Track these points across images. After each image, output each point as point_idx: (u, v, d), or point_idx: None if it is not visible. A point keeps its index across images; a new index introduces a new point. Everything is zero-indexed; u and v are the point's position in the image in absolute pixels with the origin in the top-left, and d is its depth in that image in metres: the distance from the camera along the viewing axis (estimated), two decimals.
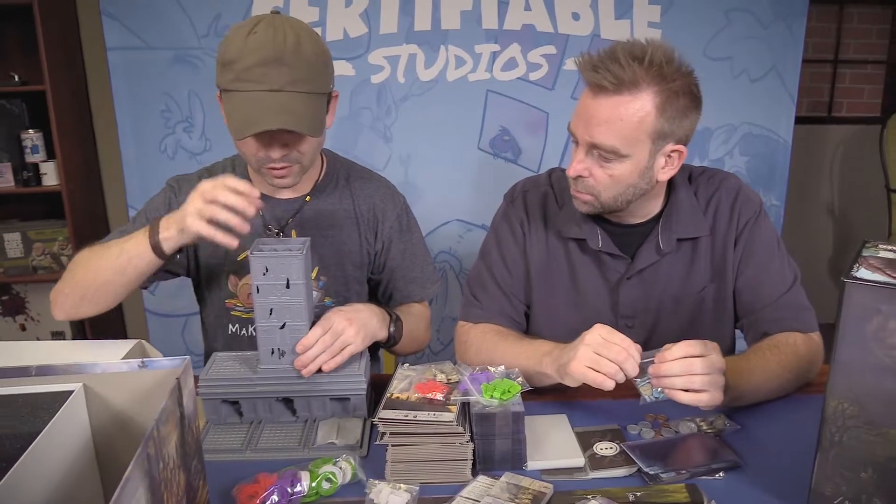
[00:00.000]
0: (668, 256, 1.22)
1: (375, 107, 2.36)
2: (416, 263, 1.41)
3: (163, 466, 0.67)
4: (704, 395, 0.96)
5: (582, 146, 1.12)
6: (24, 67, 2.72)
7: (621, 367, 0.98)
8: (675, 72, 1.07)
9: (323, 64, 1.16)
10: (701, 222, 1.22)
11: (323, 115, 1.18)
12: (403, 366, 1.09)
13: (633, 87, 1.04)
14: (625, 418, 1.08)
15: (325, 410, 1.08)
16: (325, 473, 0.90)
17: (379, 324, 1.17)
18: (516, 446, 0.94)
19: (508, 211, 1.32)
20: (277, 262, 1.01)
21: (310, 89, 1.13)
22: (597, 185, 1.13)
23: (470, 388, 0.97)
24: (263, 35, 1.09)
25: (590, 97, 1.08)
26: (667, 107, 1.06)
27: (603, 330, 1.01)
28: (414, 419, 0.92)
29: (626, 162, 1.09)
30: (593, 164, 1.11)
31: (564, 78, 2.37)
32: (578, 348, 1.01)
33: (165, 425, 0.69)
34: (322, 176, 1.35)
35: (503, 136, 2.41)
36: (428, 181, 2.43)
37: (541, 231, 1.28)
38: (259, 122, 1.09)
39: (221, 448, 1.02)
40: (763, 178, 2.54)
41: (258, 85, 1.09)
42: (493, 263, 1.30)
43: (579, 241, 1.24)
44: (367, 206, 1.36)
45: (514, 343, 1.19)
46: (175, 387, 0.74)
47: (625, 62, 1.04)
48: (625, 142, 1.07)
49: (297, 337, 1.04)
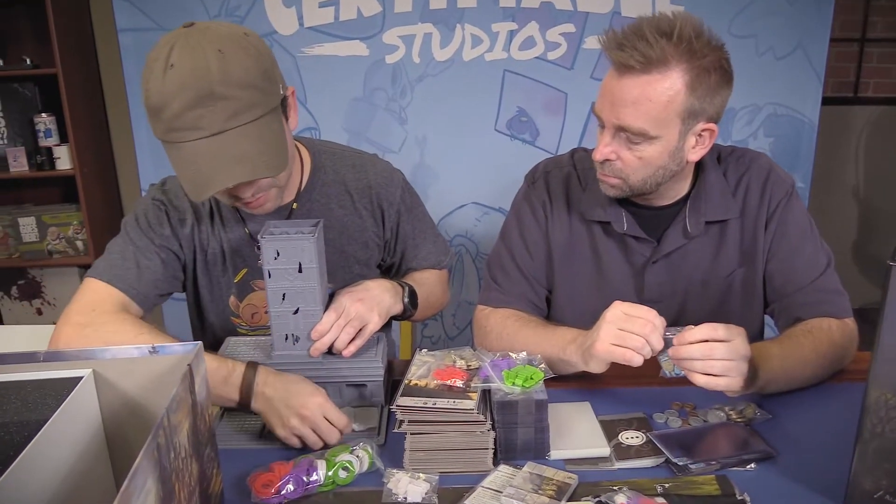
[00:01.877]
0: (695, 240, 1.17)
1: (390, 87, 2.31)
2: (427, 238, 1.35)
3: (174, 456, 0.65)
4: (722, 379, 0.92)
5: (608, 129, 1.07)
6: (36, 51, 2.71)
7: (647, 339, 0.94)
8: (706, 46, 1.01)
9: (262, 74, 0.97)
10: (730, 204, 1.18)
11: (282, 137, 1.02)
12: (421, 352, 1.05)
13: (662, 65, 0.99)
14: (650, 406, 1.05)
15: (341, 397, 1.05)
16: (342, 462, 0.87)
17: (392, 298, 1.13)
18: (539, 435, 0.91)
19: (530, 192, 1.28)
20: (289, 245, 0.98)
21: (256, 115, 0.96)
22: (625, 168, 1.08)
23: (491, 375, 0.94)
24: (182, 67, 0.92)
25: (615, 77, 1.03)
26: (697, 84, 1.01)
27: (624, 305, 0.98)
28: (433, 406, 0.89)
29: (656, 143, 1.05)
30: (621, 146, 1.07)
31: (584, 57, 2.31)
32: (601, 327, 0.98)
33: (176, 413, 0.67)
34: (307, 176, 1.22)
35: (521, 117, 2.36)
36: (444, 163, 2.38)
37: (563, 213, 1.24)
38: (211, 181, 0.95)
39: (236, 435, 0.99)
40: (788, 160, 2.47)
41: (195, 132, 0.94)
42: (514, 246, 1.26)
43: (603, 224, 1.20)
44: (367, 197, 1.26)
45: (537, 329, 1.15)
46: (186, 373, 0.71)
47: (652, 39, 0.99)
48: (654, 123, 1.02)
49: (311, 322, 1.01)
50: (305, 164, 1.23)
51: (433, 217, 2.41)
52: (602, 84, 1.07)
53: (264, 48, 1.01)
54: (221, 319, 1.27)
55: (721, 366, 0.92)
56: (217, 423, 1.02)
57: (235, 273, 1.23)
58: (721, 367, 0.92)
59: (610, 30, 1.04)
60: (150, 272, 1.14)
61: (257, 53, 0.98)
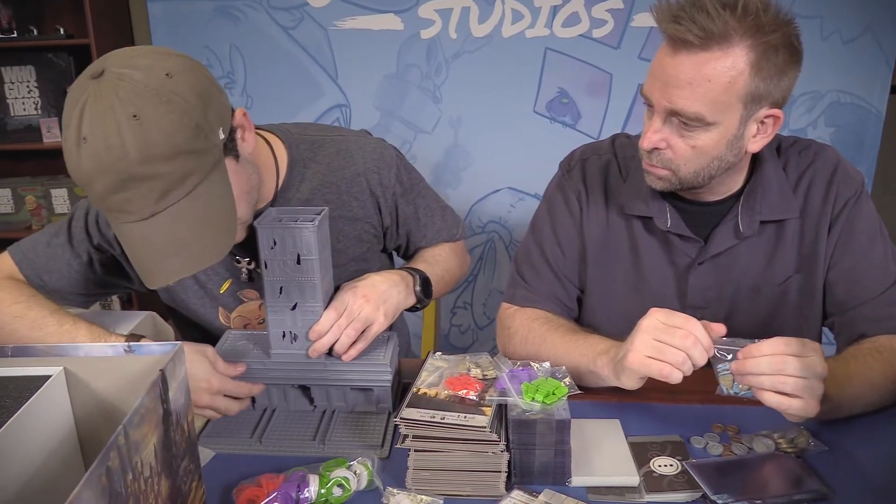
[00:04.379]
0: (747, 241, 1.05)
1: (424, 64, 2.21)
2: (433, 215, 1.23)
3: (132, 478, 0.57)
4: (796, 401, 0.81)
5: (658, 113, 0.95)
6: (70, 21, 2.67)
7: (688, 354, 0.84)
8: (774, 20, 0.89)
9: (191, 133, 0.80)
10: (790, 202, 1.04)
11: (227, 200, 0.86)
12: (435, 355, 0.96)
13: (724, 41, 0.88)
14: (688, 427, 0.93)
15: (345, 401, 0.97)
16: (337, 479, 0.79)
17: (401, 294, 1.04)
18: (559, 458, 0.81)
19: (564, 181, 1.16)
20: (286, 234, 0.89)
21: (191, 186, 0.81)
22: (676, 157, 0.97)
23: (508, 388, 0.84)
24: (95, 144, 0.77)
25: (669, 54, 0.91)
26: (763, 64, 0.89)
27: (660, 314, 0.87)
28: (441, 421, 0.79)
29: (713, 130, 0.93)
30: (672, 133, 0.95)
31: (631, 36, 2.17)
32: (635, 337, 0.87)
33: (139, 428, 0.59)
34: (283, 175, 1.07)
35: (561, 99, 2.23)
36: (479, 146, 2.28)
37: (600, 205, 1.13)
38: (152, 273, 0.83)
39: (229, 439, 0.92)
40: (849, 153, 2.28)
41: (125, 216, 0.81)
42: (545, 240, 1.16)
43: (645, 220, 1.09)
44: (358, 187, 1.11)
45: (566, 336, 1.04)
46: (157, 380, 0.63)
47: (713, 10, 0.87)
48: (712, 107, 0.90)
49: (310, 320, 0.93)
50: (281, 160, 1.07)
51: (465, 202, 2.35)
52: (653, 62, 0.95)
53: (193, 86, 0.81)
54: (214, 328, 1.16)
55: (794, 384, 0.80)
56: (209, 429, 0.95)
57: (220, 284, 1.12)
58: (794, 385, 0.81)
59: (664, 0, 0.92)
60: (73, 269, 1.06)
61: (183, 104, 0.79)
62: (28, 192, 2.80)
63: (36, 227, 2.84)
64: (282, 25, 2.17)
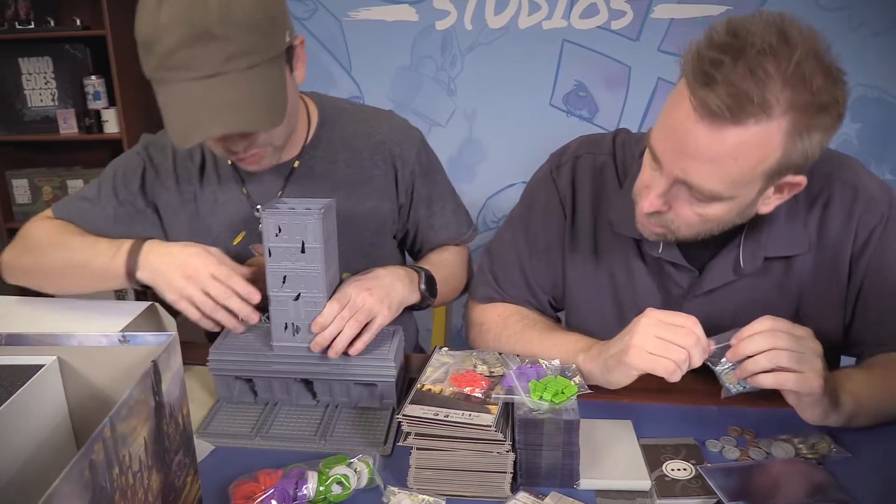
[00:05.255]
0: (748, 276, 0.94)
1: (439, 56, 2.18)
2: (445, 205, 1.21)
3: (118, 472, 0.55)
4: (792, 376, 0.78)
5: (666, 177, 0.82)
6: (87, 12, 2.67)
7: (689, 352, 0.80)
8: (826, 82, 0.74)
9: (267, 19, 0.88)
10: (799, 235, 0.92)
11: (281, 89, 0.92)
12: (441, 350, 0.93)
13: (762, 112, 0.73)
14: (703, 430, 0.90)
15: (348, 396, 0.95)
16: (337, 476, 0.76)
17: (406, 288, 1.02)
18: (567, 460, 0.78)
19: (550, 178, 1.05)
20: (292, 221, 0.87)
21: (254, 61, 0.87)
22: (677, 221, 0.86)
23: (515, 386, 0.81)
24: (179, 3, 0.84)
25: (693, 119, 0.76)
26: (802, 134, 0.75)
27: (659, 312, 0.84)
28: (445, 419, 0.76)
29: (727, 203, 0.82)
30: (677, 198, 0.84)
31: (651, 27, 2.12)
32: (634, 334, 0.83)
33: (127, 421, 0.57)
34: (312, 131, 1.12)
35: (578, 92, 2.20)
36: (494, 139, 2.25)
37: (587, 214, 1.01)
38: (196, 128, 0.87)
39: (229, 432, 0.90)
40: (876, 149, 2.22)
41: (186, 72, 0.85)
42: (519, 242, 1.07)
43: (636, 240, 0.98)
44: (381, 155, 1.13)
45: (543, 333, 1.00)
46: (149, 371, 0.61)
47: (760, 71, 0.71)
48: (731, 185, 0.79)
49: (313, 311, 0.91)
50: (312, 118, 1.13)
51: (479, 197, 2.32)
52: (668, 111, 0.80)
53: None
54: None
55: (789, 357, 0.77)
56: (213, 416, 0.93)
57: (233, 236, 1.13)
58: (789, 358, 0.77)
59: (696, 42, 0.76)
60: (102, 219, 1.12)
61: None
62: (45, 182, 2.82)
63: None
64: (295, 16, 2.15)
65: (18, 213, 2.81)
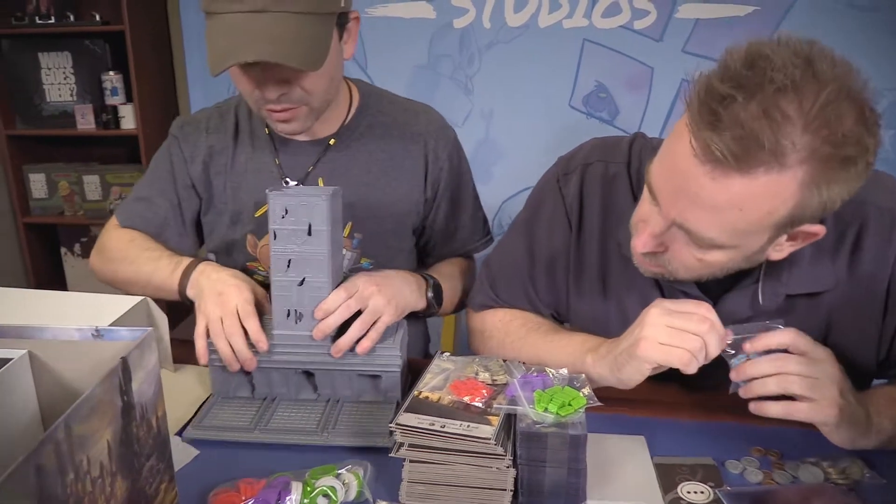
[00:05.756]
0: (768, 312, 0.84)
1: (457, 54, 2.14)
2: (464, 211, 1.20)
3: (73, 478, 0.50)
4: (804, 406, 0.72)
5: (663, 217, 0.74)
6: (107, 7, 2.67)
7: (704, 339, 0.74)
8: (857, 125, 0.63)
9: None
10: (826, 271, 0.83)
11: (325, 43, 0.93)
12: (443, 356, 0.88)
13: (774, 160, 0.63)
14: (723, 449, 0.83)
15: (351, 388, 0.91)
16: (323, 488, 0.71)
17: (413, 294, 1.01)
18: (573, 478, 0.72)
19: (557, 187, 0.96)
20: (299, 203, 0.86)
21: (304, 8, 0.90)
22: (674, 262, 0.78)
23: (519, 396, 0.75)
24: None
25: (694, 162, 0.66)
26: (822, 186, 0.66)
27: (667, 301, 0.78)
28: (441, 430, 0.71)
29: (729, 251, 0.74)
30: (675, 240, 0.76)
31: (675, 27, 2.05)
32: (644, 325, 0.77)
33: (86, 423, 0.52)
34: (352, 113, 1.13)
35: (599, 93, 2.13)
36: (511, 141, 2.20)
37: (595, 232, 0.93)
38: (233, 52, 0.89)
39: (225, 425, 0.86)
40: None
41: (236, 4, 0.88)
42: (521, 252, 0.99)
43: None
44: (416, 146, 1.13)
45: (548, 335, 0.94)
46: (116, 369, 0.57)
47: (776, 114, 0.62)
48: (733, 235, 0.71)
49: (317, 298, 0.88)
50: (354, 100, 1.14)
51: (496, 199, 2.26)
52: (669, 150, 0.71)
53: None
54: (234, 263, 1.15)
55: (802, 383, 0.71)
56: (206, 412, 0.89)
57: (257, 207, 1.12)
58: (802, 384, 0.71)
59: (708, 74, 0.66)
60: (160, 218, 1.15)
61: None
62: (62, 177, 2.81)
63: (68, 212, 2.85)
64: None
65: (35, 207, 2.81)
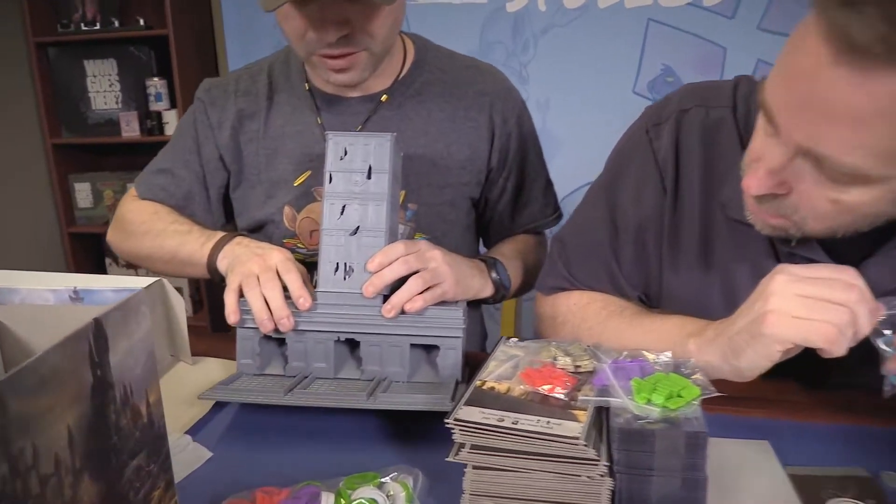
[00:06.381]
0: None
1: (510, 41, 2.04)
2: (535, 182, 1.08)
3: (9, 473, 0.36)
4: None
5: (784, 145, 0.60)
6: (151, 12, 2.65)
7: (853, 310, 0.58)
8: None
9: None
10: None
11: None
12: (508, 341, 0.72)
13: None
14: (877, 457, 0.65)
15: (402, 364, 0.77)
16: (362, 500, 0.55)
17: (477, 278, 0.90)
18: (692, 491, 0.54)
19: (646, 140, 0.82)
20: (360, 143, 0.80)
21: None
22: (802, 207, 0.64)
23: (612, 385, 0.59)
24: None
25: (827, 59, 0.54)
26: None
27: (796, 267, 0.62)
28: (513, 427, 0.55)
29: (874, 187, 0.59)
30: (801, 176, 0.61)
31: (749, 3, 1.93)
32: (770, 296, 0.61)
33: (33, 398, 0.38)
34: (407, 68, 1.02)
35: (666, 77, 2.01)
36: (569, 132, 2.08)
37: (696, 190, 0.79)
38: None
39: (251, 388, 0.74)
40: None
41: None
42: (602, 223, 0.85)
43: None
44: (479, 105, 1.01)
45: (634, 319, 0.78)
46: (86, 332, 0.43)
47: None
48: (884, 160, 0.57)
49: (370, 250, 0.77)
50: (409, 55, 1.03)
51: None
52: (789, 55, 0.58)
53: None
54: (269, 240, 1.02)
55: None
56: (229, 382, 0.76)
57: (296, 175, 1.01)
58: None
59: None
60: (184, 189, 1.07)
61: None
62: (106, 186, 2.80)
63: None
64: None
65: (81, 217, 2.79)
